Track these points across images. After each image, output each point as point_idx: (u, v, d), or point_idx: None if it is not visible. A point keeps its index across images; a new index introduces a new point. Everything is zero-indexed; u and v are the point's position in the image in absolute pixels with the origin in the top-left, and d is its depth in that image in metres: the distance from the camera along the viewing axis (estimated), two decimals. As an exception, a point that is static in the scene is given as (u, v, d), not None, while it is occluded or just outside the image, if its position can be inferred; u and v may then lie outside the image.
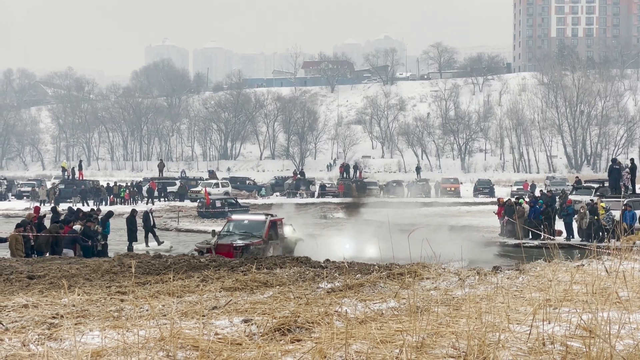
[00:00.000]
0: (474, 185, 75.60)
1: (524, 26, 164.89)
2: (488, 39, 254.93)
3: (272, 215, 27.04)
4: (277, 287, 9.59)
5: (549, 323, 6.32)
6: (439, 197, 68.14)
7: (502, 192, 64.52)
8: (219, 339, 6.08)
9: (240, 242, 23.82)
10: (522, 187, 67.45)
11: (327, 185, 73.78)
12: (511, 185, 74.51)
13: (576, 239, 32.10)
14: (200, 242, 25.26)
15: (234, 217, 28.37)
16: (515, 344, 5.80)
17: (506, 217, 34.28)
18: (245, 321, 6.88)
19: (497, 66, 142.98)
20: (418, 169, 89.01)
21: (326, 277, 10.48)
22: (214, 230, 26.62)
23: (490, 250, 28.86)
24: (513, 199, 39.88)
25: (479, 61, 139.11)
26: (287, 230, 26.66)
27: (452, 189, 71.62)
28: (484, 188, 71.12)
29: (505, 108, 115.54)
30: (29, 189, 63.47)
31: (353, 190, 67.48)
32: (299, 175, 76.14)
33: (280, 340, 6.11)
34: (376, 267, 11.53)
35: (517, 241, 32.01)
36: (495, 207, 38.11)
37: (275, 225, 25.84)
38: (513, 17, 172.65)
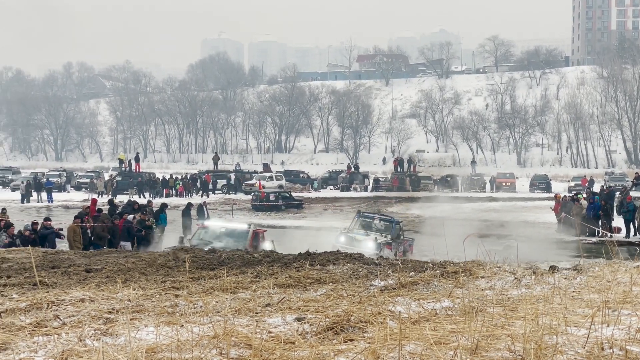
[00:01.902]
0: (530, 180, 74.76)
1: (583, 19, 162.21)
2: (546, 32, 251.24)
3: (255, 225, 24.63)
4: (330, 284, 9.57)
5: (608, 326, 6.19)
6: (495, 192, 67.59)
7: (559, 188, 63.71)
8: (272, 337, 6.08)
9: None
10: (580, 182, 66.49)
11: (381, 179, 73.58)
12: (569, 181, 73.36)
13: (636, 236, 31.55)
14: None
15: (208, 223, 25.10)
16: (573, 348, 5.69)
17: (563, 213, 33.83)
18: (298, 319, 6.87)
19: (555, 59, 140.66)
20: (473, 164, 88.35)
21: (379, 274, 10.44)
22: (182, 237, 23.63)
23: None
24: (570, 195, 39.34)
25: (537, 54, 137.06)
26: (267, 247, 23.17)
27: (508, 183, 70.95)
28: (541, 183, 70.31)
29: (563, 102, 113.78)
30: (87, 180, 64.45)
31: (407, 184, 67.36)
32: (352, 169, 76.07)
33: (333, 340, 6.08)
34: (430, 264, 11.45)
35: (575, 238, 31.57)
36: (552, 203, 37.64)
37: (257, 237, 23.27)
38: (572, 9, 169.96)
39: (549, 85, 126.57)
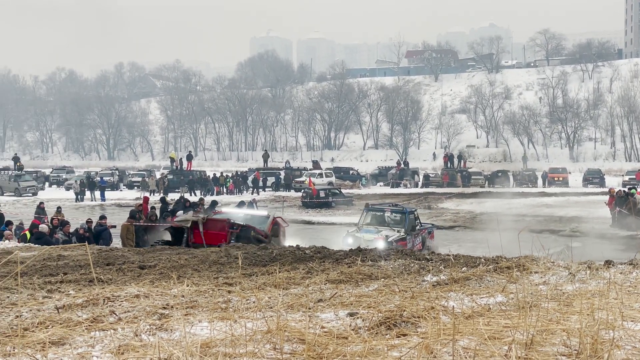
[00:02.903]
0: (583, 174, 73.85)
1: (637, 10, 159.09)
2: (598, 25, 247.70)
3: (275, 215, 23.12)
4: (382, 279, 9.57)
5: (666, 321, 6.10)
6: (547, 187, 66.91)
7: (613, 182, 62.78)
8: (325, 332, 6.10)
9: (239, 222, 19.78)
10: (634, 176, 65.44)
11: (431, 175, 73.33)
12: (622, 175, 72.22)
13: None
14: (180, 219, 20.89)
15: (225, 209, 24.04)
16: (630, 342, 5.62)
17: (617, 208, 33.33)
18: (351, 314, 6.87)
19: (607, 52, 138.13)
20: (524, 159, 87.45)
21: (431, 270, 10.40)
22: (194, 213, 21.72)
23: None
24: (625, 189, 38.73)
25: (589, 47, 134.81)
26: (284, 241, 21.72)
27: (560, 178, 70.16)
28: (594, 178, 69.40)
29: (617, 95, 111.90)
30: (139, 179, 65.36)
31: (458, 180, 67.06)
32: (402, 165, 75.92)
33: (386, 335, 6.08)
34: (482, 260, 11.38)
35: (630, 232, 31.09)
36: (606, 198, 37.11)
37: (278, 225, 21.88)
38: (624, 1, 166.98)
39: (602, 79, 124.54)
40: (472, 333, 5.80)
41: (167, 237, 21.28)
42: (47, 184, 70.21)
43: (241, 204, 32.27)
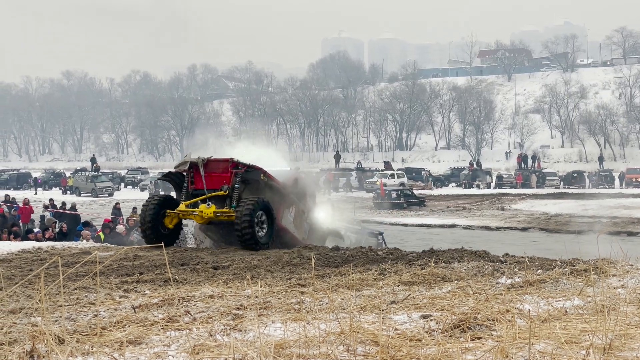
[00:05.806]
0: (662, 175, 72.15)
1: None
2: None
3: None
4: (456, 281, 9.48)
5: None
6: (624, 188, 65.63)
7: (694, 183, 61.13)
8: (398, 334, 6.08)
9: (245, 162, 17.49)
10: None
11: (504, 175, 72.60)
12: (703, 176, 70.32)
13: None
14: (178, 162, 19.04)
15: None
16: None
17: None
18: (424, 317, 6.84)
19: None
20: (601, 159, 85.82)
21: (506, 272, 10.27)
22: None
23: None
24: None
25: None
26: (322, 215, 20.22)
27: (638, 179, 68.70)
28: (673, 179, 67.84)
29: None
30: (213, 180, 66.10)
31: (532, 181, 66.29)
32: (475, 166, 75.30)
33: (460, 338, 6.04)
34: (558, 262, 11.18)
35: None
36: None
37: (305, 186, 19.58)
38: None
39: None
40: (549, 337, 5.73)
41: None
42: (122, 184, 71.69)
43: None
